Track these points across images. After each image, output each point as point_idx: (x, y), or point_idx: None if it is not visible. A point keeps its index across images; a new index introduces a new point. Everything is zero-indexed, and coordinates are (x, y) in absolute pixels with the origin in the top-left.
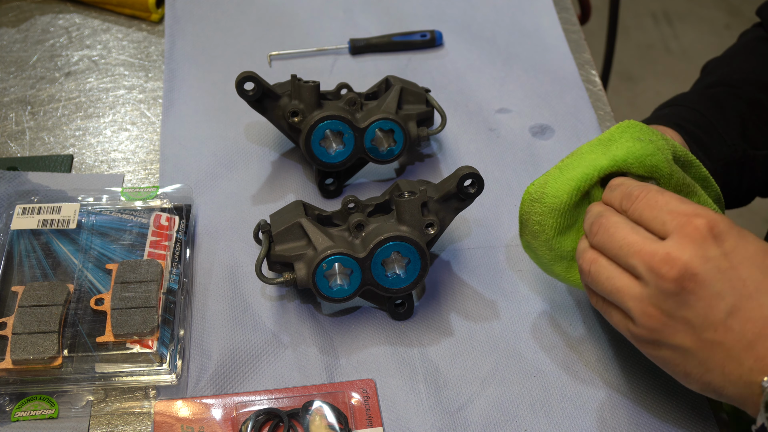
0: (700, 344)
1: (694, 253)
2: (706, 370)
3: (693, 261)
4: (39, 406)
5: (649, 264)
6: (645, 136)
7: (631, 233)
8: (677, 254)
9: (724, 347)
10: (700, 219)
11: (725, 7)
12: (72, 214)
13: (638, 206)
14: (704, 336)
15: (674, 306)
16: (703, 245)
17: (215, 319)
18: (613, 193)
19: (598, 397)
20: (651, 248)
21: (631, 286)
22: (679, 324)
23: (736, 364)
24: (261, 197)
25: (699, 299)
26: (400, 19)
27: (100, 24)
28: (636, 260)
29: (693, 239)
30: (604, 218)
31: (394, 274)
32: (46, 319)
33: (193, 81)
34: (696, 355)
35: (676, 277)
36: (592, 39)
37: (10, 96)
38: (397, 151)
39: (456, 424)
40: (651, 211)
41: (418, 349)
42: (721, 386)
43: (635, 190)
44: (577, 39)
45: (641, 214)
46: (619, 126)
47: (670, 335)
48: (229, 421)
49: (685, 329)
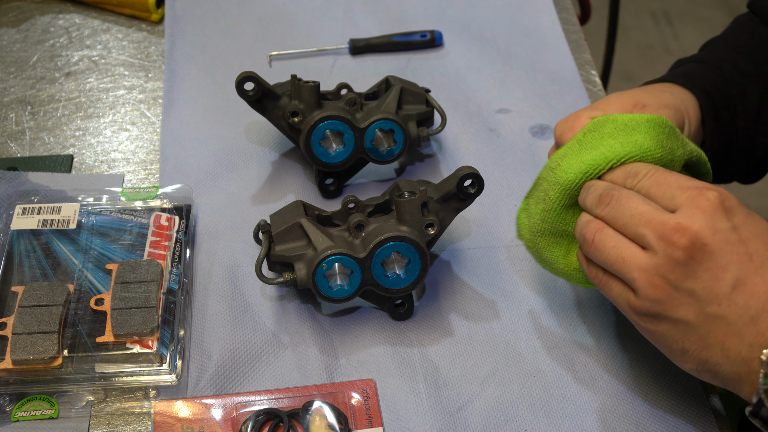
0: (703, 318)
1: (705, 223)
2: (705, 345)
3: (703, 231)
4: (39, 406)
5: (660, 232)
6: (668, 143)
7: (643, 203)
8: (688, 223)
9: (727, 321)
10: (712, 192)
11: (725, 7)
12: (72, 214)
13: (645, 183)
14: (707, 309)
15: (681, 276)
16: (714, 216)
17: (215, 319)
18: (615, 171)
19: (598, 397)
20: (662, 218)
21: (637, 255)
22: (684, 296)
23: (736, 339)
24: (261, 197)
25: (706, 270)
26: (400, 19)
27: (100, 24)
28: (646, 229)
29: (704, 210)
30: (615, 190)
31: (394, 274)
32: (46, 319)
33: (193, 81)
34: (697, 330)
35: (686, 245)
36: (592, 39)
37: (10, 96)
38: (397, 151)
39: (456, 424)
40: (659, 187)
41: (418, 349)
42: (718, 364)
43: (642, 169)
44: (577, 39)
45: (648, 190)
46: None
47: (672, 308)
48: (229, 421)
49: (689, 302)
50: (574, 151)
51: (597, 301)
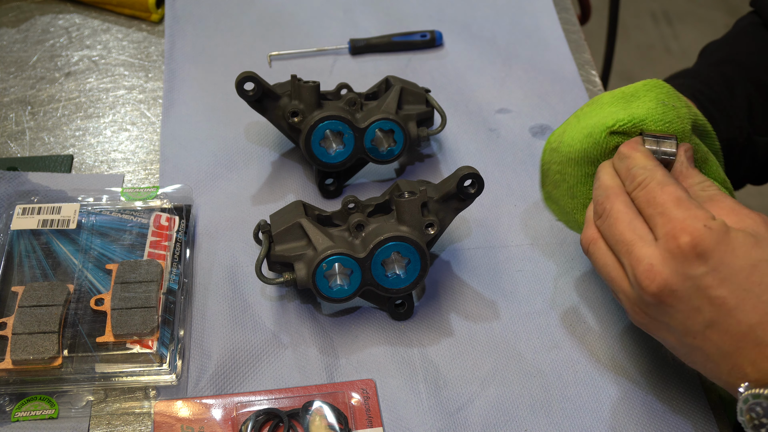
0: (681, 344)
1: (675, 269)
2: (691, 362)
3: (672, 278)
4: (39, 407)
5: (635, 271)
6: (669, 101)
7: (628, 229)
8: (659, 269)
9: (703, 352)
10: (686, 236)
11: (725, 7)
12: (72, 214)
13: (638, 195)
14: (685, 340)
15: (655, 312)
16: (685, 263)
17: (215, 319)
18: (621, 164)
19: (598, 397)
20: (639, 253)
21: (622, 280)
22: (663, 326)
23: (715, 367)
24: (261, 197)
25: (678, 311)
26: (400, 19)
27: (100, 24)
28: (625, 260)
29: (675, 255)
30: (609, 202)
31: (394, 274)
32: (46, 319)
33: (193, 81)
34: (680, 351)
35: (655, 291)
36: (592, 39)
37: (10, 96)
38: (397, 151)
39: (456, 424)
40: (648, 207)
41: (418, 349)
42: (706, 375)
43: (639, 174)
44: (577, 39)
45: (639, 205)
46: (646, 83)
47: (655, 331)
48: (229, 421)
49: (668, 331)
50: (573, 125)
51: (597, 302)
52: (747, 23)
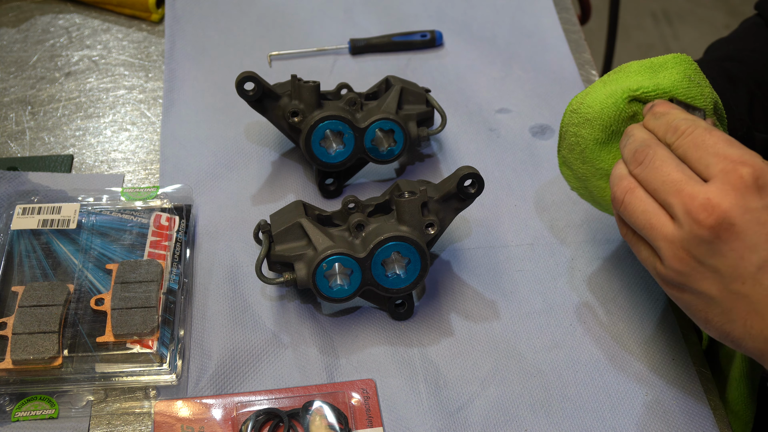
0: (726, 294)
1: (735, 202)
2: (728, 320)
3: (733, 210)
4: (39, 406)
5: (688, 207)
6: (696, 77)
7: (676, 170)
8: (717, 201)
9: (750, 300)
10: (747, 168)
11: (725, 7)
12: (72, 214)
13: (683, 142)
14: (731, 287)
15: (705, 253)
16: (746, 195)
17: (215, 319)
18: (658, 121)
19: (598, 397)
20: (692, 190)
21: (665, 224)
22: (708, 271)
23: (759, 318)
24: (261, 197)
25: (732, 249)
26: (400, 19)
27: (100, 24)
28: (675, 200)
29: (736, 187)
30: (650, 149)
31: (394, 274)
32: (46, 319)
33: (193, 81)
34: (720, 305)
35: (713, 224)
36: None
37: (10, 96)
38: (397, 151)
39: (456, 424)
40: (696, 150)
41: (418, 349)
42: (741, 338)
43: (682, 124)
44: (577, 39)
45: (685, 151)
46: (676, 57)
47: (696, 281)
48: (229, 421)
49: (713, 277)
50: (598, 88)
51: (597, 302)
52: (751, 23)
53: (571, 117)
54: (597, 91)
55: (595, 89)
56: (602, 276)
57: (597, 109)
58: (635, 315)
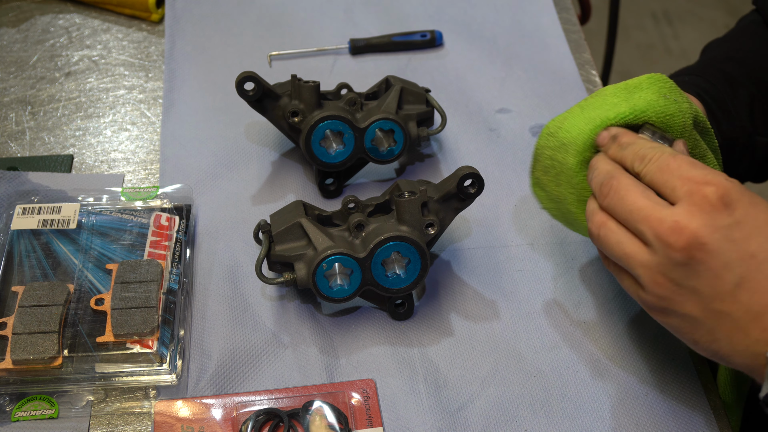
0: (708, 314)
1: (703, 222)
2: (714, 339)
3: (701, 230)
4: (39, 406)
5: (657, 232)
6: (671, 95)
7: (641, 198)
8: (686, 223)
9: (732, 318)
10: (710, 187)
11: (725, 7)
12: (72, 214)
13: (650, 169)
14: (712, 306)
15: (683, 275)
16: (713, 214)
17: (215, 319)
18: (625, 151)
19: (598, 397)
20: (660, 215)
21: (639, 252)
22: (687, 293)
23: (742, 335)
24: (261, 197)
25: (707, 269)
26: (400, 19)
27: (100, 24)
28: (644, 226)
29: (702, 207)
30: (615, 180)
31: (394, 274)
32: (46, 319)
33: (193, 81)
34: (704, 324)
35: (684, 246)
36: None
37: (10, 96)
38: (397, 151)
39: (456, 424)
40: (662, 175)
41: (418, 349)
42: (729, 354)
43: (648, 152)
44: (577, 39)
45: (652, 177)
46: (650, 77)
47: (678, 304)
48: (229, 421)
49: (694, 298)
50: (576, 114)
51: (597, 301)
52: (749, 21)
53: (548, 140)
54: (575, 116)
55: (573, 114)
56: (602, 276)
57: (574, 134)
58: (635, 315)
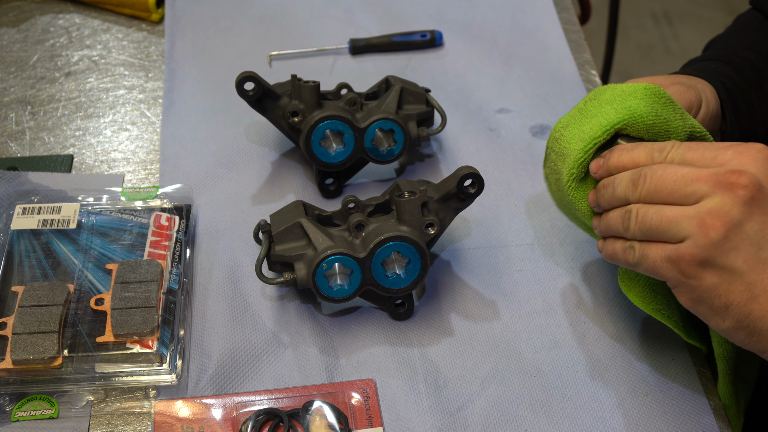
0: (753, 263)
1: (760, 169)
2: (752, 296)
3: (760, 173)
4: (39, 406)
5: (716, 179)
6: (664, 112)
7: (682, 168)
8: (744, 167)
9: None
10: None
11: (725, 7)
12: (72, 214)
13: (677, 151)
14: (760, 254)
15: (740, 214)
16: (766, 165)
17: (215, 319)
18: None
19: (598, 396)
20: (713, 170)
21: (685, 209)
22: (739, 238)
23: None
24: (261, 197)
25: (763, 213)
26: (400, 19)
27: (100, 24)
28: (698, 184)
29: (756, 159)
30: (647, 168)
31: (394, 274)
32: (46, 319)
33: (193, 81)
34: (744, 278)
35: (747, 184)
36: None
37: (10, 96)
38: (397, 151)
39: (456, 424)
40: (694, 151)
41: (418, 349)
42: (760, 317)
43: (666, 145)
44: (577, 39)
45: (683, 156)
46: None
47: (724, 252)
48: (229, 421)
49: (744, 245)
50: (576, 121)
51: (597, 301)
52: (750, 17)
53: (554, 144)
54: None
55: (574, 123)
56: (602, 276)
57: (573, 147)
58: (635, 315)
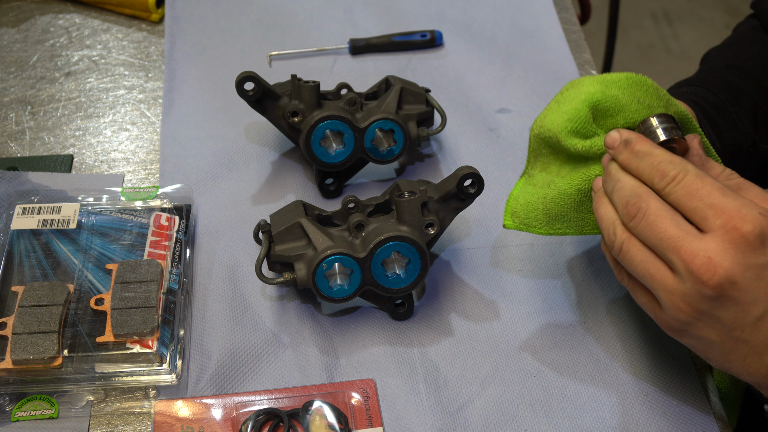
0: (726, 340)
1: (737, 260)
2: (728, 360)
3: (735, 268)
4: (39, 406)
5: (689, 265)
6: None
7: (672, 226)
8: (719, 260)
9: (749, 344)
10: (747, 224)
11: (725, 7)
12: (72, 214)
13: (675, 190)
14: (732, 334)
15: (708, 307)
16: (747, 252)
17: (215, 319)
18: (642, 162)
19: (598, 396)
20: (692, 247)
21: (665, 276)
22: (710, 321)
23: (757, 358)
24: (261, 197)
25: (734, 303)
26: (400, 19)
27: (100, 24)
28: (675, 257)
29: (737, 245)
30: (643, 202)
31: (394, 274)
32: (46, 319)
33: (193, 81)
34: (720, 347)
35: (717, 284)
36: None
37: (10, 96)
38: (397, 151)
39: (456, 424)
40: (690, 200)
41: (418, 349)
42: (739, 373)
43: (670, 169)
44: (577, 39)
45: (678, 200)
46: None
47: (697, 329)
48: (229, 421)
49: (715, 326)
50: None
51: (597, 301)
52: (747, 27)
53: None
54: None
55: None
56: (602, 276)
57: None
58: (635, 315)
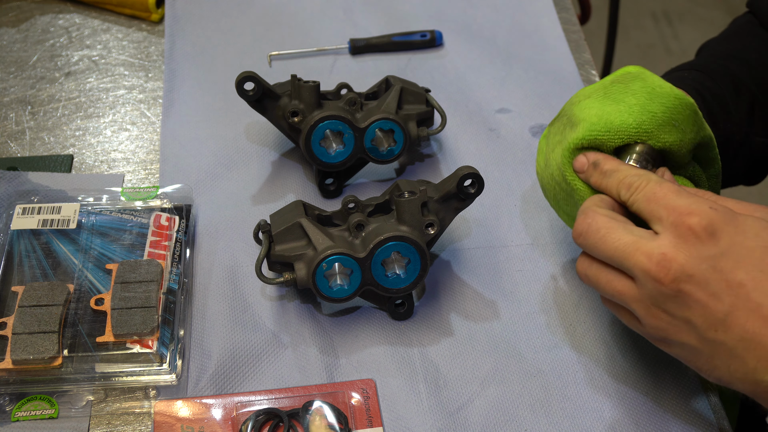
0: (704, 343)
1: (689, 253)
2: (714, 367)
3: (688, 262)
4: (39, 406)
5: (645, 267)
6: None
7: (624, 234)
8: (672, 255)
9: (727, 347)
10: (695, 217)
11: (725, 7)
12: (72, 214)
13: (638, 198)
14: (706, 336)
15: (674, 307)
16: (698, 245)
17: (215, 319)
18: (609, 179)
19: (598, 397)
20: (645, 249)
21: (629, 287)
22: (682, 323)
23: (739, 362)
24: (261, 197)
25: (696, 300)
26: (400, 19)
27: (100, 24)
28: (630, 263)
29: (686, 239)
30: (590, 219)
31: (394, 274)
32: (46, 319)
33: (193, 81)
34: (702, 353)
35: (672, 279)
36: (592, 39)
37: (10, 96)
38: (397, 151)
39: (456, 424)
40: (649, 204)
41: (418, 349)
42: (729, 381)
43: (634, 180)
44: (577, 39)
45: (640, 206)
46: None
47: (675, 334)
48: (229, 421)
49: (688, 329)
50: (598, 98)
51: (597, 301)
52: (744, 22)
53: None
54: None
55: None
56: None
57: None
58: None
